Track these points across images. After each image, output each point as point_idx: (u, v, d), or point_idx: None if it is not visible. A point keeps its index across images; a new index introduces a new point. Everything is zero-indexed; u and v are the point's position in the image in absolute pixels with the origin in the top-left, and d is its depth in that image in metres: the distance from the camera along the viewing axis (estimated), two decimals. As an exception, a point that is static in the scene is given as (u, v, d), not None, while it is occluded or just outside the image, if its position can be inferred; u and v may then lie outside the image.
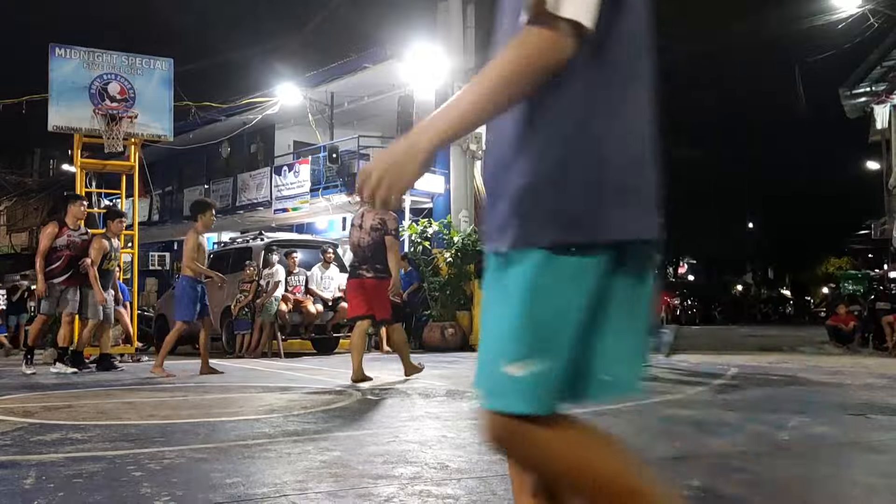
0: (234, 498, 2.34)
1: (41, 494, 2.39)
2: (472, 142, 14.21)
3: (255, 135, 19.85)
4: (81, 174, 11.04)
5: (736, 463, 2.90)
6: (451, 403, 4.93)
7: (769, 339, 15.47)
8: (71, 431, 3.72)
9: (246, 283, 11.50)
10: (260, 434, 3.66)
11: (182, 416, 4.41)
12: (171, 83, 11.00)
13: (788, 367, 7.98)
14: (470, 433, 3.69)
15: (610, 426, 3.90)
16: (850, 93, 18.27)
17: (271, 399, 5.35)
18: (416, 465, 2.87)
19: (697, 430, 3.75)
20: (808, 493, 2.44)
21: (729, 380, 6.56)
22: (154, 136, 10.99)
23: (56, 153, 29.15)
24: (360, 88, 16.88)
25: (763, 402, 4.90)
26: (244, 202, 19.01)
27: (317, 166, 16.83)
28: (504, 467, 2.81)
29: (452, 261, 12.77)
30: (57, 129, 10.33)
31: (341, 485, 2.55)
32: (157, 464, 2.90)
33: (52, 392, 5.92)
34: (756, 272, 50.56)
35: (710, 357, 9.82)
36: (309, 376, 7.36)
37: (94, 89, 10.34)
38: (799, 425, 3.89)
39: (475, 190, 14.40)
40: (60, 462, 2.95)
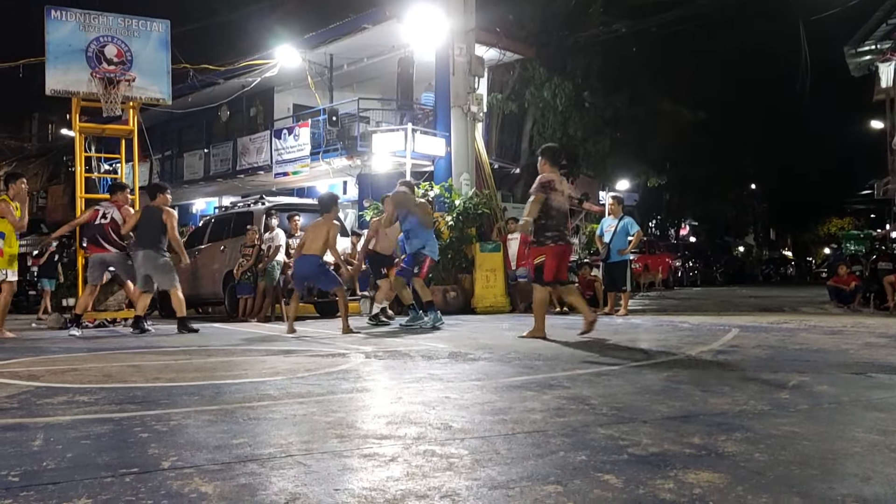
0: (241, 458, 2.37)
1: (49, 455, 2.42)
2: (473, 104, 14.09)
3: (254, 98, 19.71)
4: (80, 138, 10.98)
5: (736, 421, 2.93)
6: (453, 365, 4.96)
7: (770, 300, 15.52)
8: (77, 394, 3.75)
9: (247, 248, 11.52)
10: (265, 396, 3.69)
11: (187, 378, 4.45)
12: (168, 45, 10.87)
13: (789, 328, 8.01)
14: (472, 394, 3.72)
15: (610, 385, 3.94)
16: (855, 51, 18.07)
17: (275, 362, 5.39)
18: (420, 426, 2.90)
19: (698, 389, 3.78)
20: (809, 451, 2.47)
21: (729, 340, 6.60)
22: (152, 99, 10.89)
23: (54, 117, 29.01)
24: (359, 50, 16.71)
25: (763, 362, 4.93)
26: (244, 166, 18.95)
27: (317, 129, 16.73)
28: (506, 427, 2.85)
29: (454, 224, 12.75)
30: (54, 92, 10.23)
31: (346, 445, 2.58)
32: (163, 425, 2.93)
33: (56, 356, 5.96)
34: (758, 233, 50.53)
35: (710, 318, 9.86)
36: (312, 339, 7.41)
37: (91, 52, 10.22)
38: (799, 384, 3.92)
39: (476, 153, 14.31)
40: (68, 424, 2.98)
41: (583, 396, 3.58)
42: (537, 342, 6.53)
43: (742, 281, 32.76)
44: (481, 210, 13.28)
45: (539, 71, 18.33)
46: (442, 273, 12.71)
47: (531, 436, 2.73)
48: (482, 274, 12.64)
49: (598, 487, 2.02)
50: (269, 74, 17.39)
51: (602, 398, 3.54)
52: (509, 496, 1.96)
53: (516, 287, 12.60)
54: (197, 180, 21.12)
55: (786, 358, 5.19)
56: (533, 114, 19.67)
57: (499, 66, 17.30)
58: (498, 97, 17.77)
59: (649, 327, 8.56)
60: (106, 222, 8.86)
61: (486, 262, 12.69)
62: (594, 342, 6.44)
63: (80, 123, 10.78)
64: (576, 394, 3.66)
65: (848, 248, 22.76)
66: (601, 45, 19.21)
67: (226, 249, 12.29)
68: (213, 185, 20.95)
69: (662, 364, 4.92)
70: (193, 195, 22.70)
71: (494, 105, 17.28)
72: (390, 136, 14.76)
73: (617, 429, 2.81)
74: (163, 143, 22.55)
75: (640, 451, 2.44)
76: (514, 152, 20.65)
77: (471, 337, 7.34)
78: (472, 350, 5.91)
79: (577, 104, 19.14)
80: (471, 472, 2.20)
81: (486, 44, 15.38)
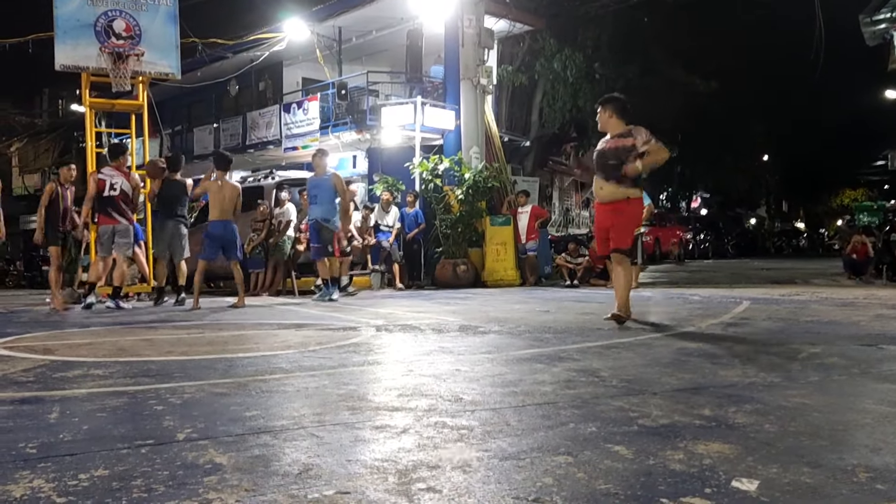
0: (254, 430, 2.40)
1: (66, 428, 2.46)
2: (482, 76, 13.98)
3: (263, 72, 19.62)
4: (91, 114, 11.01)
5: (746, 393, 2.93)
6: (463, 338, 4.98)
7: (782, 272, 15.45)
8: (92, 368, 3.80)
9: (258, 222, 11.56)
10: (277, 369, 3.72)
11: (200, 352, 4.49)
12: (177, 19, 10.83)
13: (801, 300, 7.99)
14: (483, 367, 3.74)
15: (620, 357, 3.95)
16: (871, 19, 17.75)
17: (287, 335, 5.43)
18: (431, 398, 2.92)
19: (708, 361, 3.79)
20: (819, 422, 2.47)
21: (741, 312, 6.59)
22: (161, 73, 10.88)
23: (64, 93, 29.00)
24: (368, 22, 16.55)
25: (774, 335, 4.93)
26: (254, 140, 18.91)
27: (326, 103, 16.65)
28: (516, 399, 2.86)
29: (464, 198, 12.73)
30: (64, 67, 10.23)
31: (358, 417, 2.60)
32: (177, 398, 2.96)
33: (70, 330, 6.02)
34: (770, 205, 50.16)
35: (722, 290, 9.84)
36: (323, 313, 7.45)
37: (100, 27, 10.20)
38: (810, 356, 3.92)
39: (486, 126, 14.23)
40: (83, 397, 3.03)
41: (593, 369, 3.60)
42: (548, 315, 6.54)
43: (754, 253, 32.62)
44: (491, 183, 13.25)
45: (549, 42, 18.13)
46: (452, 247, 12.72)
47: (541, 407, 2.75)
48: (492, 248, 12.65)
49: (609, 458, 2.04)
50: (277, 48, 17.28)
51: (612, 370, 3.55)
52: (520, 466, 1.98)
53: (526, 260, 12.61)
54: (207, 155, 21.09)
55: (797, 330, 5.19)
56: (543, 86, 19.50)
57: (508, 37, 17.11)
58: (508, 69, 17.60)
59: (660, 300, 8.56)
60: (116, 194, 8.87)
61: (497, 235, 12.69)
62: (604, 315, 6.45)
63: (90, 99, 10.79)
64: (586, 366, 3.68)
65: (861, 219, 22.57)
66: (612, 16, 18.95)
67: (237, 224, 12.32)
68: (224, 160, 20.94)
69: (673, 336, 4.93)
70: (204, 170, 22.71)
71: (504, 77, 17.13)
72: (400, 109, 14.68)
73: (627, 401, 2.82)
74: (173, 118, 22.51)
75: (650, 423, 2.45)
76: (525, 125, 20.50)
77: (481, 310, 7.36)
78: (482, 323, 5.93)
79: (588, 75, 18.94)
80: (482, 443, 2.22)
81: (496, 15, 15.21)
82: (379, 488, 1.80)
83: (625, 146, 5.58)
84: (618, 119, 5.73)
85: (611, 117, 5.75)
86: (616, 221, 5.69)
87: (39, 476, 1.89)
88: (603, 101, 5.95)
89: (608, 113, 5.78)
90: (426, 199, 13.26)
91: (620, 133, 5.67)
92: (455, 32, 14.02)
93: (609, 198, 5.70)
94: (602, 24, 19.10)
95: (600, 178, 5.75)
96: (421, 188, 13.30)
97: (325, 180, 9.13)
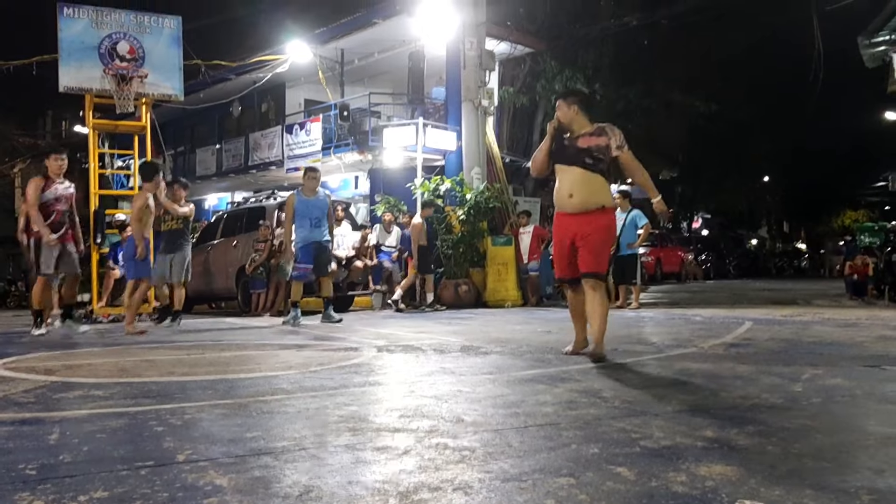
0: (255, 451, 2.39)
1: (66, 449, 2.45)
2: (484, 97, 14.06)
3: (265, 93, 19.77)
4: (94, 135, 11.07)
5: (748, 415, 2.92)
6: (465, 359, 4.97)
7: (784, 293, 15.43)
8: (93, 389, 3.79)
9: (260, 243, 11.58)
10: (278, 390, 3.71)
11: (200, 373, 4.48)
12: (180, 42, 10.93)
13: (803, 320, 7.97)
14: (484, 388, 3.73)
15: (622, 378, 3.94)
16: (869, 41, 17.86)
17: (288, 356, 5.42)
18: (433, 419, 2.91)
19: (710, 382, 3.77)
20: (822, 444, 2.46)
21: (743, 333, 6.57)
22: (164, 95, 10.96)
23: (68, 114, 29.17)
24: (370, 44, 16.70)
25: (776, 355, 4.91)
26: (256, 161, 19.02)
27: (328, 124, 16.76)
28: (518, 420, 2.85)
29: (465, 218, 12.75)
30: (68, 89, 10.31)
31: (359, 438, 2.59)
32: (178, 419, 2.95)
33: (72, 351, 6.02)
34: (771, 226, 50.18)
35: (723, 311, 9.82)
36: (324, 334, 7.43)
37: (104, 49, 10.30)
38: (812, 377, 3.91)
39: (487, 146, 14.29)
40: (84, 418, 3.02)
41: (594, 390, 3.58)
42: (549, 336, 6.53)
43: (755, 274, 32.57)
44: (493, 204, 13.27)
45: (550, 64, 18.25)
46: (454, 267, 12.73)
47: (543, 429, 2.74)
48: (494, 268, 12.64)
49: (611, 480, 2.03)
50: (280, 70, 17.42)
51: (614, 391, 3.54)
52: (522, 488, 1.97)
53: (528, 281, 12.60)
54: (209, 176, 21.22)
55: (799, 351, 5.17)
56: (544, 107, 19.59)
57: (510, 59, 17.25)
58: (509, 91, 17.72)
59: (661, 320, 8.54)
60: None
61: (498, 255, 12.69)
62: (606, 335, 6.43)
63: (93, 120, 10.87)
64: (587, 387, 3.66)
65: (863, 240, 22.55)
66: (612, 38, 19.11)
67: (238, 245, 12.34)
68: (226, 181, 21.04)
69: (674, 357, 4.91)
70: (206, 191, 22.80)
71: (505, 98, 17.24)
72: (401, 130, 14.76)
73: (629, 422, 2.81)
74: (175, 139, 22.65)
75: (652, 444, 2.44)
76: (526, 146, 20.58)
77: (482, 331, 7.35)
78: (483, 344, 5.92)
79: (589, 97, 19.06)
80: (483, 464, 2.21)
81: (497, 37, 15.34)
82: (380, 510, 1.79)
83: (598, 145, 4.83)
84: (584, 115, 5.00)
85: (577, 113, 4.99)
86: (590, 237, 4.81)
87: (39, 498, 1.89)
88: (565, 94, 5.27)
89: (573, 108, 5.00)
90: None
91: (591, 131, 4.92)
92: (457, 55, 14.12)
93: (581, 207, 4.82)
94: (602, 46, 19.25)
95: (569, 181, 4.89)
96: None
97: (323, 201, 8.96)
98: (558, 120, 5.03)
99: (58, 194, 7.74)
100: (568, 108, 4.99)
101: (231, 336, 7.42)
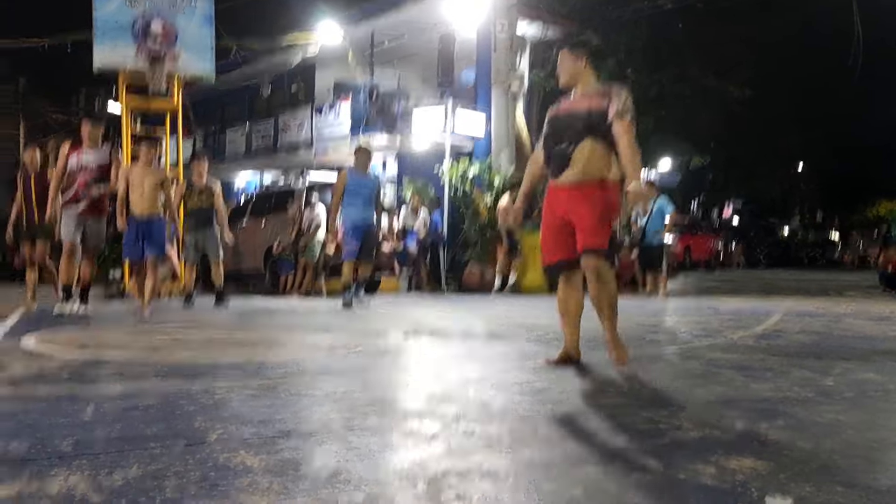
0: (284, 433, 2.42)
1: (100, 426, 2.50)
2: (514, 81, 13.96)
3: (295, 74, 19.79)
4: (127, 113, 11.18)
5: (779, 408, 2.89)
6: (491, 344, 4.98)
7: (815, 284, 15.22)
8: (126, 366, 3.86)
9: (288, 224, 11.66)
10: (306, 372, 3.75)
11: (229, 353, 4.54)
12: (213, 22, 10.98)
13: (835, 313, 7.86)
14: (511, 374, 3.73)
15: (650, 368, 3.92)
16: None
17: (315, 338, 5.46)
18: (459, 405, 2.92)
19: (741, 374, 3.74)
20: (853, 440, 2.43)
21: (773, 324, 6.50)
22: (196, 75, 11.04)
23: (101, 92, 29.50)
24: (400, 26, 16.62)
25: (808, 348, 4.85)
26: (285, 143, 19.07)
27: (357, 106, 16.74)
28: (545, 408, 2.85)
29: (493, 203, 12.71)
30: (102, 68, 10.42)
31: (386, 422, 2.61)
32: (208, 398, 2.99)
33: (103, 327, 6.12)
34: (804, 215, 49.40)
35: (754, 301, 9.72)
36: (350, 315, 7.48)
37: (137, 28, 10.39)
38: (844, 371, 3.85)
39: (517, 131, 14.20)
40: (117, 395, 3.07)
41: (622, 379, 3.57)
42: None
43: (787, 264, 32.14)
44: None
45: (582, 47, 18.07)
46: (480, 252, 12.71)
47: (570, 417, 2.73)
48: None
49: (639, 471, 2.02)
50: (310, 51, 17.42)
51: (641, 381, 3.52)
52: (549, 476, 1.97)
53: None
54: (238, 156, 21.36)
55: (831, 344, 5.10)
56: (574, 91, 19.43)
57: (541, 42, 17.08)
58: (539, 74, 17.57)
59: (690, 310, 8.47)
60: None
61: (526, 241, 12.64)
62: (633, 324, 6.39)
63: (126, 99, 10.97)
64: (615, 376, 3.65)
65: (896, 230, 22.13)
66: (646, 21, 18.84)
67: (267, 226, 12.44)
68: (255, 161, 21.15)
69: (703, 348, 4.87)
70: (235, 171, 22.97)
71: (536, 82, 17.09)
72: (430, 113, 14.72)
73: (656, 412, 2.80)
74: (205, 118, 22.80)
75: (680, 436, 2.43)
76: (555, 130, 20.45)
77: (508, 316, 7.35)
78: (509, 330, 5.92)
79: (621, 81, 18.85)
80: (510, 451, 2.22)
81: (529, 19, 15.20)
82: (408, 495, 1.80)
83: (599, 109, 3.87)
84: (591, 72, 4.07)
85: (586, 67, 4.05)
86: (585, 211, 3.87)
87: (75, 473, 1.92)
88: (573, 44, 4.16)
89: (582, 60, 4.04)
90: (455, 204, 13.27)
91: (595, 91, 4.00)
92: (487, 37, 14.03)
93: (575, 178, 3.90)
94: (635, 29, 18.99)
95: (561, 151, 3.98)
96: (450, 193, 13.31)
97: (373, 181, 8.70)
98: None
99: (83, 164, 7.17)
100: (575, 62, 4.06)
101: (258, 317, 7.50)
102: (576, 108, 3.97)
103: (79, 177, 7.12)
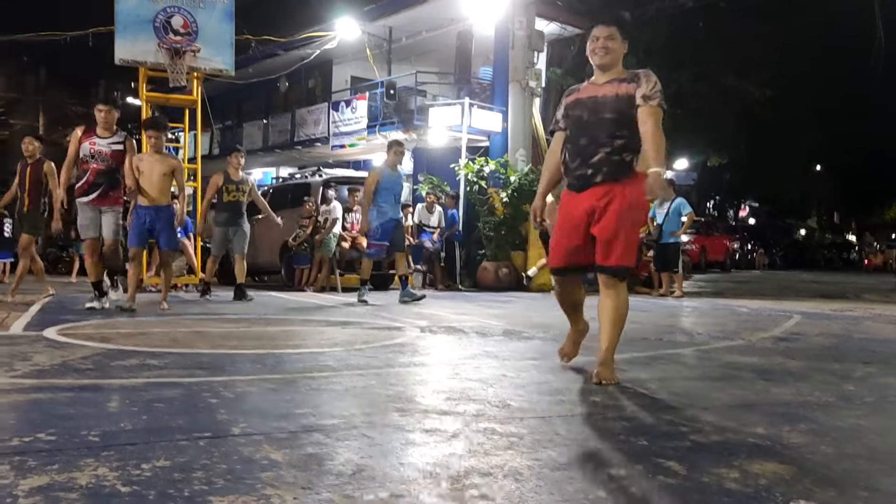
0: (306, 427, 2.44)
1: (126, 417, 2.53)
2: (531, 78, 13.93)
3: (313, 69, 19.83)
4: (146, 107, 11.26)
5: (800, 412, 2.88)
6: (508, 343, 4.98)
7: (833, 286, 15.10)
8: (148, 358, 3.89)
9: (305, 219, 11.70)
10: (325, 367, 3.77)
11: (248, 346, 4.57)
12: (233, 17, 11.02)
13: (853, 315, 7.80)
14: (529, 373, 3.74)
15: (668, 370, 3.91)
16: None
17: (332, 333, 5.49)
18: (479, 403, 2.93)
19: (760, 377, 3.73)
20: (876, 445, 2.42)
21: (791, 326, 6.46)
22: (216, 70, 11.09)
23: (120, 85, 29.70)
24: (418, 22, 16.62)
25: (827, 351, 4.82)
26: (302, 137, 19.14)
27: (374, 102, 16.77)
28: (564, 408, 2.86)
29: (508, 200, 12.70)
30: (123, 62, 10.49)
31: (407, 419, 2.62)
32: (230, 392, 3.02)
33: (125, 319, 6.17)
34: (821, 216, 49.03)
35: (770, 303, 9.66)
36: (366, 311, 7.51)
37: (159, 22, 10.43)
38: (865, 376, 3.83)
39: (533, 128, 14.17)
40: (140, 387, 3.11)
41: (640, 380, 3.57)
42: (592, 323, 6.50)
43: (803, 265, 31.92)
44: (537, 187, 13.19)
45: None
46: (495, 249, 12.71)
47: (590, 418, 2.74)
48: (536, 251, 12.59)
49: (661, 473, 2.02)
50: (328, 46, 17.45)
51: (660, 383, 3.52)
52: (571, 478, 1.97)
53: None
54: (255, 150, 21.44)
55: (850, 347, 5.07)
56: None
57: (559, 40, 17.03)
58: (557, 72, 17.52)
59: (706, 311, 8.44)
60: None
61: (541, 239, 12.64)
62: (649, 324, 6.38)
63: (146, 92, 11.04)
64: (633, 377, 3.65)
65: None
66: (666, 20, 18.74)
67: (283, 220, 12.49)
68: (272, 156, 21.24)
69: (721, 350, 4.86)
70: (252, 165, 23.04)
71: (553, 80, 17.04)
72: (447, 110, 14.72)
73: (677, 414, 2.79)
74: (223, 113, 22.89)
75: (702, 439, 2.43)
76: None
77: (524, 315, 7.35)
78: (526, 328, 5.92)
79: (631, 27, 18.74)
80: (532, 451, 2.22)
81: (547, 17, 15.15)
82: (432, 493, 1.81)
83: (628, 94, 3.54)
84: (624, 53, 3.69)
85: (622, 45, 3.66)
86: (612, 216, 3.51)
87: (103, 464, 1.95)
88: (609, 20, 3.69)
89: (617, 39, 3.63)
90: (470, 200, 13.26)
91: (623, 77, 3.63)
92: (505, 34, 14.00)
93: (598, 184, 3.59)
94: (655, 28, 18.89)
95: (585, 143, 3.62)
96: (466, 190, 13.31)
97: (401, 177, 8.72)
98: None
99: (95, 150, 6.87)
100: (622, 45, 3.67)
101: (275, 310, 7.54)
102: (602, 94, 3.61)
103: (91, 164, 6.88)
